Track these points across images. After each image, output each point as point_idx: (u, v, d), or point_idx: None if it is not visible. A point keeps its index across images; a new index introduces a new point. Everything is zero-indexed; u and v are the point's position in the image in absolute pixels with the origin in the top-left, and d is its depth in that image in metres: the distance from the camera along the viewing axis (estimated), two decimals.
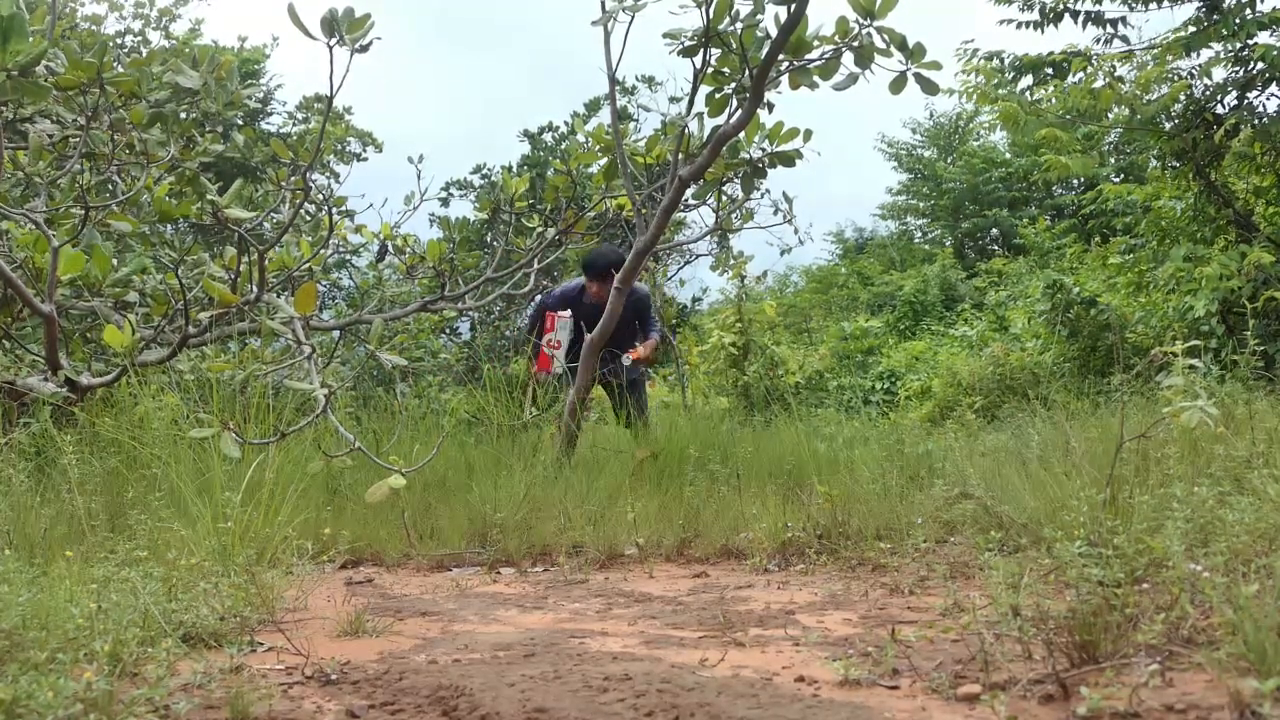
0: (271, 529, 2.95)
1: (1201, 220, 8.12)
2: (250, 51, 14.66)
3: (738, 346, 8.97)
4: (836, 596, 2.82)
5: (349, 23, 3.53)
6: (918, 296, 16.51)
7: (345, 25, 3.53)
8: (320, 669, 2.13)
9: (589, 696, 1.86)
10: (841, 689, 1.89)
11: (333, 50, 3.57)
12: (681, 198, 4.69)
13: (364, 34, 3.55)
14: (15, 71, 3.45)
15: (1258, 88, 7.58)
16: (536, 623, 2.65)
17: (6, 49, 3.40)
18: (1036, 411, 4.84)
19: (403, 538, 3.71)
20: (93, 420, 4.10)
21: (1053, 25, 8.08)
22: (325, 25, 3.53)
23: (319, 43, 3.55)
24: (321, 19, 3.53)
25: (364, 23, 3.53)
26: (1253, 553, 2.13)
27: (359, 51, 3.59)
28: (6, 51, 3.41)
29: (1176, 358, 3.06)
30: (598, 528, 3.66)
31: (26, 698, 1.64)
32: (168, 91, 4.58)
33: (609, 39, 4.76)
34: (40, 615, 2.05)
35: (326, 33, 3.54)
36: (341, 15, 3.52)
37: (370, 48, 3.59)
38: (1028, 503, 3.13)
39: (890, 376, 12.21)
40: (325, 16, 3.52)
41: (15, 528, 3.07)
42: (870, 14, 4.20)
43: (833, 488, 3.56)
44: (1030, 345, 9.26)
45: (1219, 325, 7.11)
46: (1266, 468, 2.78)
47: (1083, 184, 18.60)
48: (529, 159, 20.97)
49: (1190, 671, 1.76)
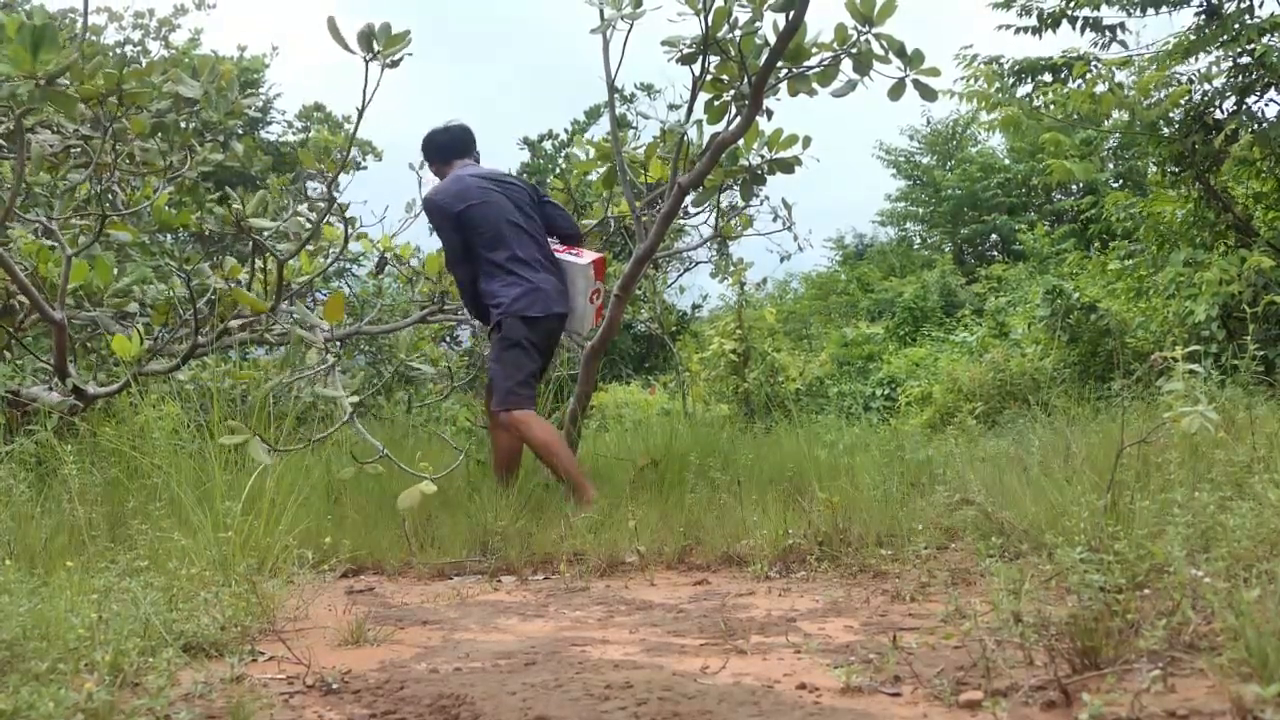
0: (272, 538, 2.95)
1: (1201, 225, 8.13)
2: (250, 61, 14.70)
3: (738, 353, 8.97)
4: (838, 603, 2.82)
5: (386, 38, 3.55)
6: (917, 302, 16.52)
7: (383, 41, 3.55)
8: (321, 678, 2.12)
9: (590, 704, 1.86)
10: (843, 696, 1.89)
11: (368, 64, 3.58)
12: (681, 205, 4.70)
13: (399, 50, 3.57)
14: (44, 81, 3.47)
15: (1257, 92, 7.59)
16: (538, 631, 2.65)
17: (38, 58, 3.43)
18: (1037, 417, 4.85)
19: (403, 546, 3.71)
20: (93, 430, 4.10)
21: (1051, 30, 8.11)
22: (363, 40, 3.54)
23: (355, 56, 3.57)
24: (359, 33, 3.54)
25: (401, 39, 3.55)
26: (1254, 558, 2.13)
27: (390, 67, 3.60)
28: (37, 60, 3.43)
29: (1177, 363, 3.06)
30: (599, 535, 3.66)
31: (27, 708, 1.64)
32: (168, 101, 4.59)
33: (608, 47, 4.77)
34: (41, 625, 2.05)
35: (364, 47, 3.55)
36: (380, 30, 3.54)
37: (401, 63, 3.61)
38: (1028, 508, 3.13)
39: (890, 383, 12.20)
40: (363, 31, 3.53)
41: (16, 538, 3.07)
42: (869, 21, 4.21)
43: (833, 494, 3.56)
44: (1030, 351, 9.26)
45: (1219, 330, 7.11)
46: (1267, 473, 2.77)
47: (1082, 189, 18.62)
48: (529, 167, 20.99)
49: (1192, 677, 1.76)
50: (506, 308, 4.34)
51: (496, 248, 4.41)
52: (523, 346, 4.34)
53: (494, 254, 4.40)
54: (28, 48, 3.39)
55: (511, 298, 4.35)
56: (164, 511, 3.05)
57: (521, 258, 4.42)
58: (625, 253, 5.97)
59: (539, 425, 4.32)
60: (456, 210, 4.43)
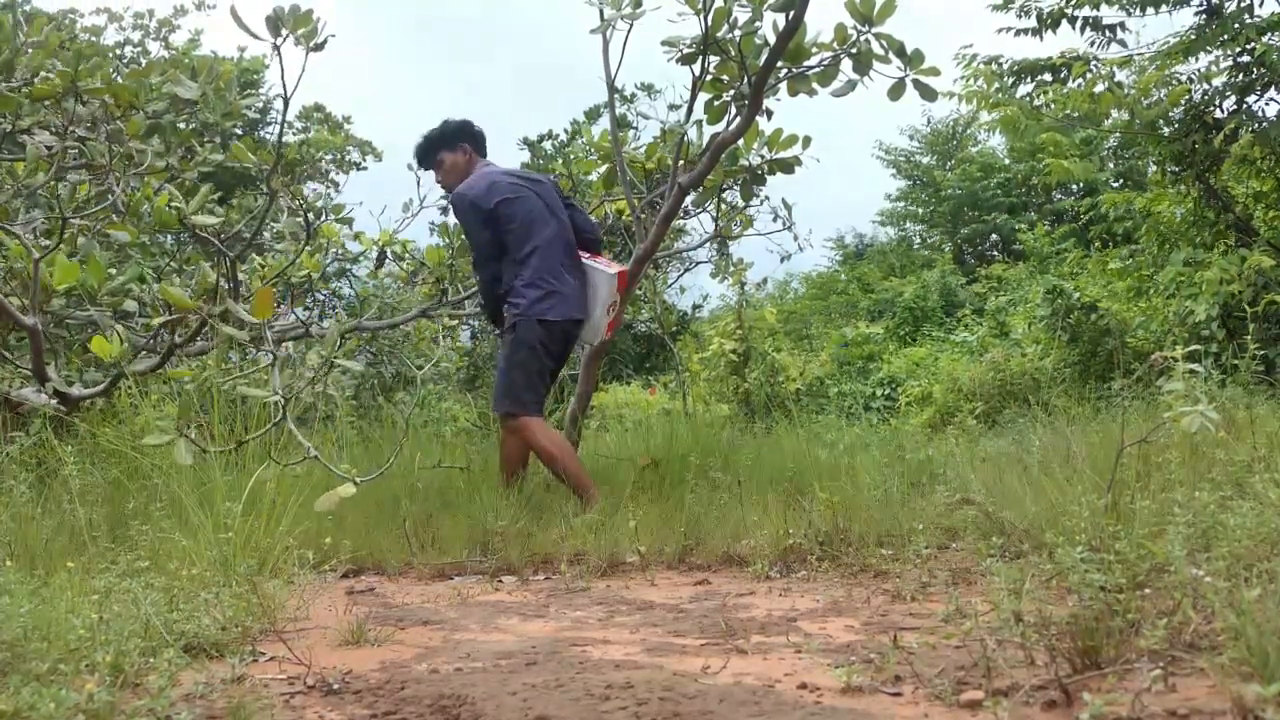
0: (273, 539, 2.95)
1: (1201, 225, 8.13)
2: (249, 61, 14.67)
3: (738, 353, 8.98)
4: (838, 603, 2.82)
5: (294, 19, 3.30)
6: (918, 302, 16.52)
7: (291, 22, 3.30)
8: (322, 678, 2.12)
9: (591, 705, 1.86)
10: (844, 696, 1.89)
11: (280, 50, 3.34)
12: (681, 205, 4.70)
13: (313, 30, 3.32)
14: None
15: (1257, 92, 7.59)
16: (538, 631, 2.65)
17: None
18: (1037, 417, 4.85)
19: (404, 547, 3.71)
20: (93, 431, 4.10)
21: (1051, 31, 8.11)
22: (270, 24, 3.29)
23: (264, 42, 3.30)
24: (266, 18, 3.28)
25: (308, 19, 3.30)
26: (1254, 557, 2.13)
27: (314, 50, 3.35)
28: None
29: (1177, 362, 3.06)
30: (599, 535, 3.66)
31: (28, 709, 1.64)
32: (165, 103, 4.58)
33: (608, 47, 4.77)
34: (42, 626, 2.05)
35: (272, 31, 3.31)
36: (287, 12, 3.29)
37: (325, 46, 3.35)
38: (1029, 508, 3.13)
39: (891, 382, 12.20)
40: (270, 15, 3.28)
41: (16, 539, 3.07)
42: (868, 21, 4.21)
43: (834, 494, 3.56)
44: (1031, 351, 9.26)
45: (1219, 330, 7.11)
46: (1268, 472, 2.77)
47: (1082, 189, 18.63)
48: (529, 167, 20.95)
49: (1193, 677, 1.76)
50: (525, 309, 4.25)
51: (523, 246, 4.31)
52: (535, 350, 4.25)
53: (519, 253, 4.31)
54: None
55: (530, 300, 4.25)
56: (164, 512, 3.05)
57: (547, 259, 4.31)
58: (625, 253, 5.97)
59: (543, 432, 4.25)
60: (489, 206, 4.31)
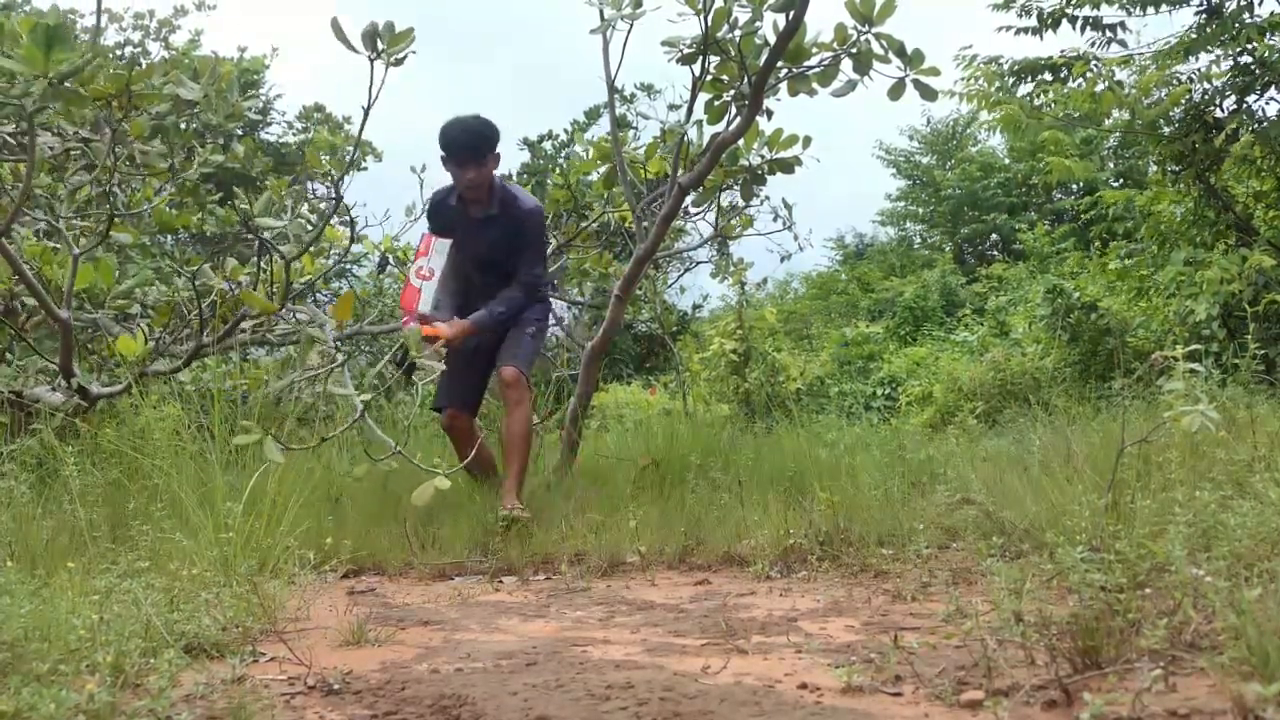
0: (273, 539, 2.95)
1: (1201, 224, 8.13)
2: (250, 62, 14.68)
3: (738, 353, 8.98)
4: (839, 603, 2.82)
5: (390, 37, 3.52)
6: (918, 302, 16.52)
7: (387, 39, 3.52)
8: (323, 679, 2.12)
9: (591, 705, 1.86)
10: (844, 696, 1.89)
11: (373, 63, 3.55)
12: (681, 205, 4.70)
13: (403, 48, 3.53)
14: (56, 80, 3.47)
15: (1257, 91, 7.60)
16: (539, 631, 2.65)
17: (50, 57, 3.42)
18: (1038, 416, 4.84)
19: (404, 547, 3.71)
20: (94, 431, 4.10)
21: (1051, 30, 8.11)
22: (367, 39, 3.50)
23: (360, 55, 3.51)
24: (364, 33, 3.50)
25: (405, 37, 3.52)
26: (1255, 557, 2.13)
27: (394, 65, 3.57)
28: (50, 59, 3.42)
29: (1177, 362, 3.06)
30: (599, 536, 3.66)
31: (29, 709, 1.64)
32: (168, 104, 4.59)
33: (608, 47, 4.78)
34: (42, 627, 2.05)
35: (369, 46, 3.52)
36: (383, 29, 3.51)
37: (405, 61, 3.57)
38: (1029, 508, 3.13)
39: (891, 382, 12.21)
40: (367, 30, 3.49)
41: (17, 539, 3.07)
42: (868, 20, 4.21)
43: (834, 494, 3.56)
44: (1031, 350, 9.27)
45: (1220, 329, 7.11)
46: (1268, 471, 2.78)
47: (1082, 189, 18.63)
48: (529, 167, 20.98)
49: (1193, 676, 1.76)
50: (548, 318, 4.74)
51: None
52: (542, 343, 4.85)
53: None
54: (40, 46, 3.39)
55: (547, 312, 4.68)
56: (165, 512, 3.05)
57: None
58: (625, 253, 5.97)
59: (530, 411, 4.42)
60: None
